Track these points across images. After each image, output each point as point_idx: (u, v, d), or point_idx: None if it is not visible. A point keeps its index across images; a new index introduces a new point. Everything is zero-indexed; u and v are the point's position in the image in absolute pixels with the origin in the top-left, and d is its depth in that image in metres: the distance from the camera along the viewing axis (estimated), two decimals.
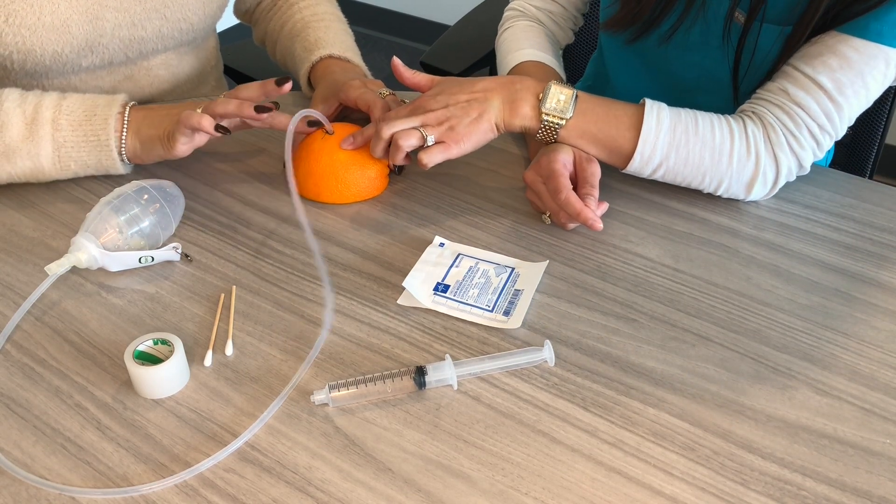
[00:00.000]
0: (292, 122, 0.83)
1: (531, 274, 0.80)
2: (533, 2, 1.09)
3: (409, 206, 0.90)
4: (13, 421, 0.65)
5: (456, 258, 0.82)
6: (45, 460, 0.62)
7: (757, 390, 0.69)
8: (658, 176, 0.88)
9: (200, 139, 0.86)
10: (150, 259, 0.79)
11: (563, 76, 1.04)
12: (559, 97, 0.84)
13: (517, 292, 0.78)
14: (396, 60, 0.88)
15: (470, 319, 0.75)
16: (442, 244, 0.84)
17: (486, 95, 0.85)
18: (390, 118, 0.85)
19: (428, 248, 0.83)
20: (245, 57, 1.40)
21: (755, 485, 0.61)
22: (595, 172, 0.85)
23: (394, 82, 0.92)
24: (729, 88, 0.96)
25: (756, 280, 0.80)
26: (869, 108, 0.89)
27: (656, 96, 0.88)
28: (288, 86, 0.84)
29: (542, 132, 0.86)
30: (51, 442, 0.64)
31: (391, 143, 0.85)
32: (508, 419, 0.66)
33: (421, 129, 0.83)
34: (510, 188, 0.93)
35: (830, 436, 0.65)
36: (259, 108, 0.84)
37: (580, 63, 1.43)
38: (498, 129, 0.86)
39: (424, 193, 0.92)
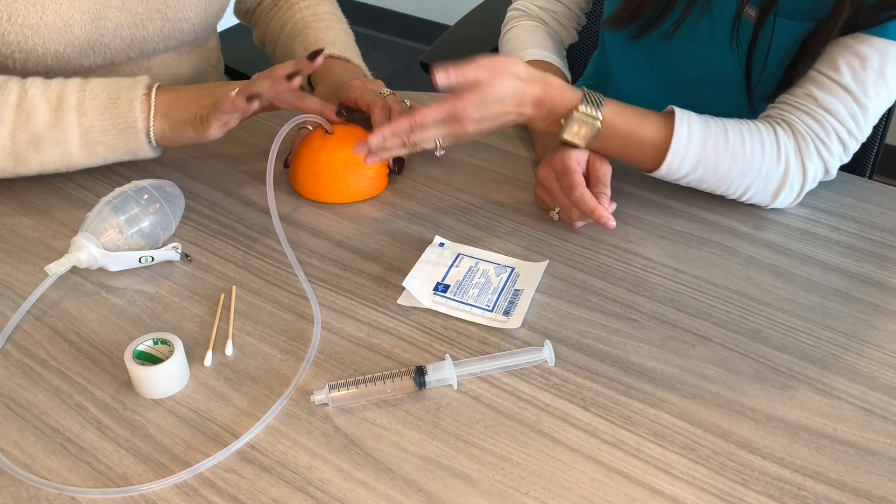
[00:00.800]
0: (283, 129, 0.83)
1: (531, 274, 0.80)
2: (536, 1, 1.09)
3: (409, 206, 0.90)
4: (13, 421, 0.65)
5: (456, 258, 0.82)
6: (45, 460, 0.62)
7: (757, 390, 0.69)
8: (684, 183, 0.88)
9: (234, 121, 0.85)
10: (150, 259, 0.79)
11: (568, 76, 1.03)
12: (581, 128, 0.83)
13: (517, 292, 0.78)
14: (435, 70, 0.82)
15: (470, 319, 0.75)
16: (442, 244, 0.84)
17: (519, 111, 0.83)
18: (425, 123, 0.80)
19: (428, 248, 0.83)
20: (245, 57, 1.40)
21: (755, 485, 0.61)
22: (607, 172, 0.85)
23: (394, 82, 0.92)
24: (735, 85, 0.95)
25: (756, 280, 0.80)
26: None
27: (660, 94, 0.88)
28: (320, 59, 0.82)
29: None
30: (51, 442, 0.64)
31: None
32: (508, 419, 0.66)
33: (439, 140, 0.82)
34: (510, 188, 0.93)
35: (830, 436, 0.65)
36: (289, 77, 0.82)
37: (581, 62, 1.43)
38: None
39: (424, 193, 0.92)
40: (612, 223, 0.81)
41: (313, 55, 0.80)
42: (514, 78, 0.81)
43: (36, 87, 0.84)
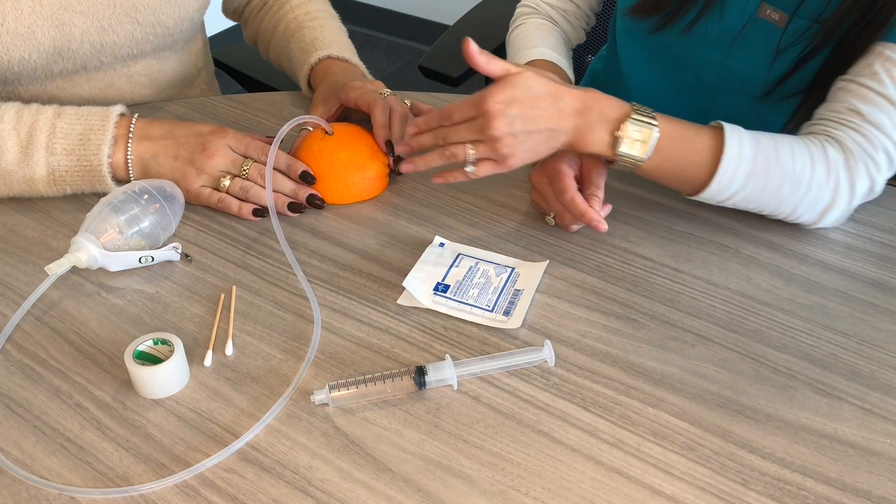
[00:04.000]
0: (283, 130, 0.83)
1: (531, 274, 0.80)
2: None
3: (409, 206, 0.90)
4: (13, 421, 0.65)
5: (456, 258, 0.82)
6: (45, 460, 0.62)
7: (757, 390, 0.69)
8: (730, 204, 0.83)
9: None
10: (150, 259, 0.79)
11: (573, 77, 1.03)
12: (637, 138, 0.77)
13: (517, 292, 0.78)
14: (470, 43, 0.75)
15: (470, 319, 0.75)
16: (442, 244, 0.84)
17: (560, 123, 0.76)
18: (451, 115, 0.77)
19: (428, 248, 0.83)
20: (245, 57, 1.40)
21: (755, 485, 0.61)
22: (600, 174, 0.83)
23: (394, 82, 0.91)
24: (749, 88, 0.94)
25: (756, 280, 0.80)
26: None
27: (673, 96, 0.86)
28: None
29: (619, 165, 0.81)
30: (51, 442, 0.64)
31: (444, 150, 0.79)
32: (508, 419, 0.66)
33: (468, 147, 0.76)
34: (510, 188, 0.93)
35: (830, 436, 0.65)
36: (293, 207, 0.86)
37: (581, 60, 1.43)
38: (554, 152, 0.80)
39: (424, 193, 0.92)
40: (604, 226, 0.79)
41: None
42: (547, 77, 0.77)
43: (8, 119, 0.83)
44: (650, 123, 0.77)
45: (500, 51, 1.33)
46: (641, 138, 0.77)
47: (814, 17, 0.86)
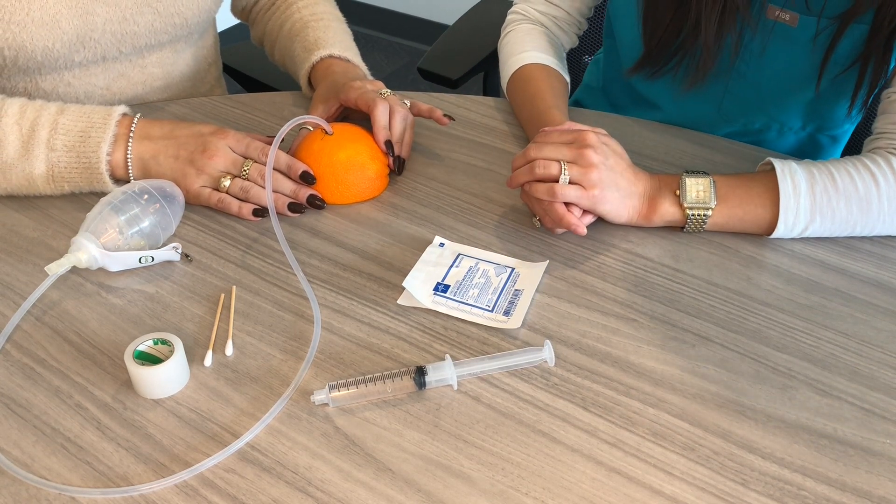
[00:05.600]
0: (282, 130, 0.83)
1: (531, 274, 0.80)
2: (536, 6, 1.08)
3: (409, 206, 0.90)
4: (13, 421, 0.65)
5: (456, 258, 0.82)
6: (45, 460, 0.62)
7: (757, 390, 0.69)
8: (809, 235, 0.84)
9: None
10: (150, 259, 0.79)
11: (568, 79, 1.03)
12: (697, 188, 0.82)
13: (517, 292, 0.78)
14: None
15: (470, 319, 0.75)
16: (442, 244, 0.84)
17: (637, 178, 0.82)
18: (548, 137, 0.82)
19: (428, 248, 0.83)
20: (246, 57, 1.40)
21: (755, 485, 0.61)
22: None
23: (394, 82, 0.92)
24: (762, 89, 0.96)
25: (756, 280, 0.80)
26: (867, 108, 0.89)
27: (676, 88, 0.86)
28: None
29: (691, 225, 0.83)
30: (51, 442, 0.64)
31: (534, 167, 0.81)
32: (508, 419, 0.66)
33: (563, 164, 0.79)
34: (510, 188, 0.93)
35: (830, 436, 0.65)
36: (293, 207, 0.86)
37: (579, 61, 1.43)
38: (629, 221, 0.84)
39: (424, 193, 0.92)
40: (582, 230, 0.80)
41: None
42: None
43: (11, 114, 0.83)
44: (703, 173, 0.83)
45: (489, 57, 1.33)
46: (701, 188, 0.82)
47: (826, 12, 0.88)
